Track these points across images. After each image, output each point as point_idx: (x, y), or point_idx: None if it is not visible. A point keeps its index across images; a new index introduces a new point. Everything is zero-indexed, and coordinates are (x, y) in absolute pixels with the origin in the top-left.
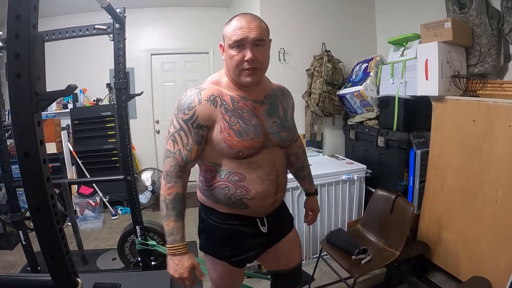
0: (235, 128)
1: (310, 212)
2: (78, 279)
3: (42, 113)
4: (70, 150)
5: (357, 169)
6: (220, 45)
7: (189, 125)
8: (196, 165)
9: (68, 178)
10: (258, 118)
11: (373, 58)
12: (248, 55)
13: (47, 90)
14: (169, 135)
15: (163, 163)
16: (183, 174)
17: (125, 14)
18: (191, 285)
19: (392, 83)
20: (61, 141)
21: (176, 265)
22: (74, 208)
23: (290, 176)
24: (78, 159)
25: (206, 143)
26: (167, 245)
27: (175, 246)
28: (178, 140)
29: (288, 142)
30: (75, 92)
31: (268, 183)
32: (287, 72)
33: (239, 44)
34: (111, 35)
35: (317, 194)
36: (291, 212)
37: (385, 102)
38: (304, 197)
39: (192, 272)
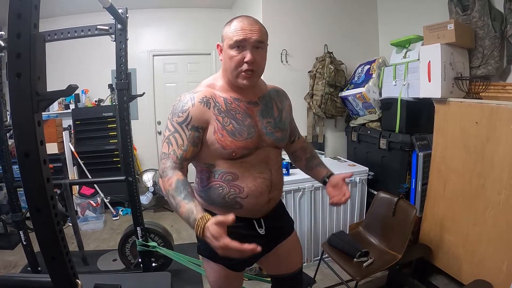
0: (228, 128)
1: (334, 191)
2: (78, 280)
3: (44, 113)
4: (71, 150)
5: (359, 171)
6: (218, 45)
7: (184, 127)
8: (193, 168)
9: (70, 178)
10: (252, 118)
11: (375, 60)
12: (248, 56)
13: (48, 90)
14: (165, 138)
15: (159, 166)
16: (179, 169)
17: (127, 15)
18: (240, 247)
19: (395, 85)
20: (63, 141)
21: (211, 241)
22: (75, 209)
23: (288, 178)
24: (79, 160)
25: (202, 145)
26: (195, 231)
27: (197, 226)
28: (173, 142)
29: (283, 142)
30: (77, 92)
31: (261, 180)
32: (289, 73)
33: (239, 45)
34: (113, 36)
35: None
36: (292, 214)
37: (387, 104)
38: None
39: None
